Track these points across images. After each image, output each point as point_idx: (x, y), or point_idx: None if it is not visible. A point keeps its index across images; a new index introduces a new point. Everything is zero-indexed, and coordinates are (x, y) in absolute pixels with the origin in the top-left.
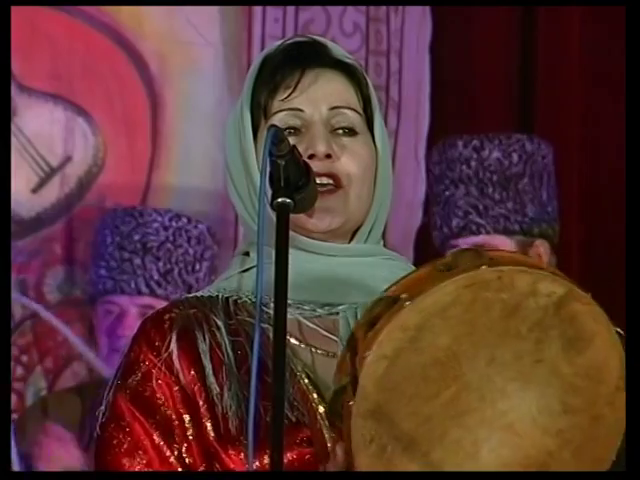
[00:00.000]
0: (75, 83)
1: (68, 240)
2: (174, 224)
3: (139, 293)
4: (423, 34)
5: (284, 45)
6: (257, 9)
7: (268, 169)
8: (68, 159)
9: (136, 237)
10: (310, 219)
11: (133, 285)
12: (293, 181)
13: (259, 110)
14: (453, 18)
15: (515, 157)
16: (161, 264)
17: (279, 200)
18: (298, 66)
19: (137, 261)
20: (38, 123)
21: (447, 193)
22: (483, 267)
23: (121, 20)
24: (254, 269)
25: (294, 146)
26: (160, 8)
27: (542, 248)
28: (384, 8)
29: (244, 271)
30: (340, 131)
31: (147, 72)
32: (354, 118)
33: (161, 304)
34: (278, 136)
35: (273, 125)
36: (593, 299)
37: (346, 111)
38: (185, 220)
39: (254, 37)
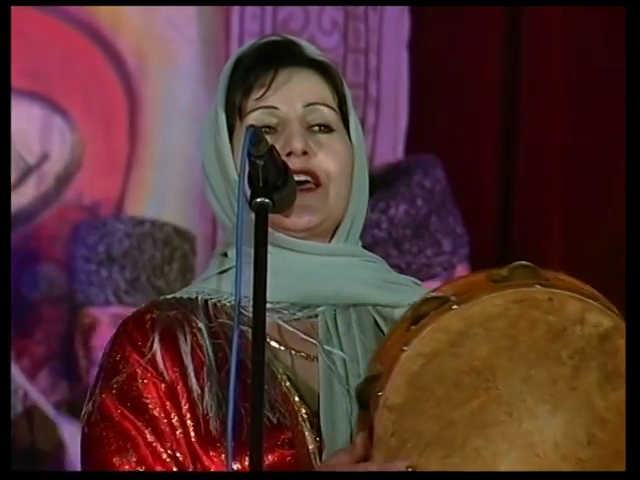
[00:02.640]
0: (52, 81)
1: (46, 238)
2: (137, 230)
3: (108, 303)
4: (401, 31)
5: (257, 45)
6: (235, 6)
7: (247, 169)
8: (45, 157)
9: (101, 248)
10: (288, 217)
11: (102, 297)
12: (272, 181)
13: (234, 110)
14: (434, 15)
15: (420, 202)
16: (127, 272)
17: (258, 200)
18: (271, 65)
19: (103, 272)
20: (15, 121)
21: None
22: (536, 286)
23: (98, 17)
24: (232, 270)
25: (272, 146)
26: (138, 5)
27: (461, 270)
28: (362, 6)
29: (222, 272)
30: (316, 128)
31: (124, 69)
32: (330, 115)
33: (130, 312)
34: (257, 136)
35: (252, 125)
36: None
37: (322, 107)
38: (149, 225)
39: (232, 34)
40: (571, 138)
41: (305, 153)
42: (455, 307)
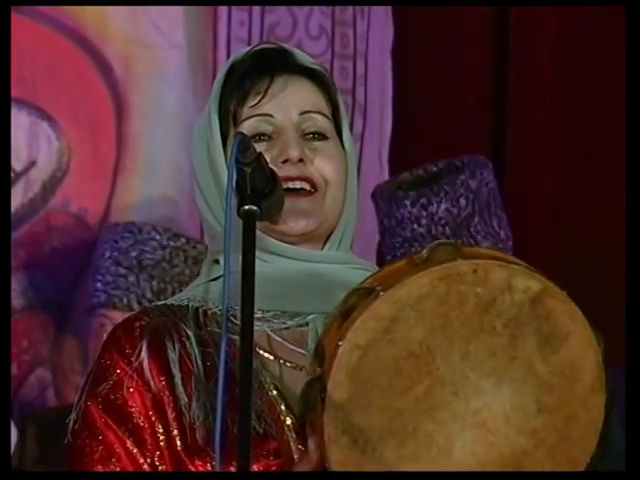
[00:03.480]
0: (39, 87)
1: (33, 245)
2: (172, 244)
3: (130, 309)
4: (386, 37)
5: (252, 52)
6: (222, 12)
7: (234, 177)
8: (32, 164)
9: (133, 254)
10: (285, 222)
11: (125, 301)
12: (259, 188)
13: (228, 117)
14: (418, 20)
15: (463, 201)
16: (155, 282)
17: (245, 207)
18: (267, 72)
19: (131, 278)
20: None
21: (402, 250)
22: (458, 260)
23: (85, 23)
24: (222, 278)
25: (260, 153)
26: (124, 11)
27: None
28: (350, 12)
29: (212, 280)
30: (311, 136)
31: (111, 75)
32: (324, 123)
33: None
34: (244, 143)
35: (239, 132)
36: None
37: (316, 116)
38: (184, 240)
39: (219, 40)
40: (560, 138)
41: (301, 161)
42: (382, 294)
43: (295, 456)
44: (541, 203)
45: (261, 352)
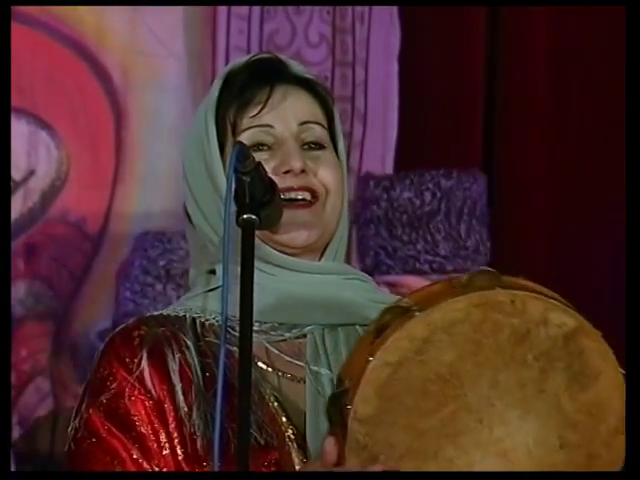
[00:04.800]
0: (38, 96)
1: (31, 254)
2: None
3: None
4: (391, 44)
5: (249, 62)
6: (221, 21)
7: (233, 186)
8: (31, 173)
9: (161, 263)
10: (287, 234)
11: (152, 310)
12: (258, 197)
13: (226, 127)
14: (423, 27)
15: (428, 196)
16: (182, 292)
17: (244, 217)
18: (267, 82)
19: (159, 287)
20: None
21: (360, 232)
22: (497, 288)
23: (84, 32)
24: (220, 288)
25: (259, 163)
26: (123, 20)
27: None
28: (350, 18)
29: (210, 290)
30: (309, 146)
31: (110, 85)
32: (321, 133)
33: None
34: (243, 153)
35: (238, 142)
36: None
37: (314, 126)
38: None
39: (218, 48)
40: (552, 144)
41: (303, 171)
42: (417, 314)
43: (297, 467)
44: (537, 205)
45: (259, 364)
